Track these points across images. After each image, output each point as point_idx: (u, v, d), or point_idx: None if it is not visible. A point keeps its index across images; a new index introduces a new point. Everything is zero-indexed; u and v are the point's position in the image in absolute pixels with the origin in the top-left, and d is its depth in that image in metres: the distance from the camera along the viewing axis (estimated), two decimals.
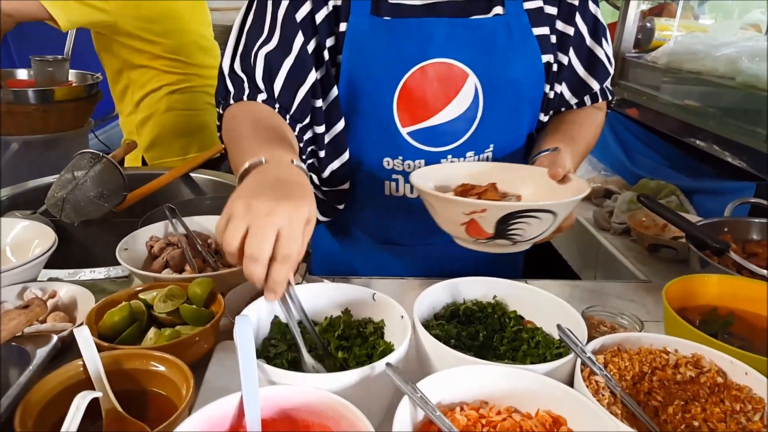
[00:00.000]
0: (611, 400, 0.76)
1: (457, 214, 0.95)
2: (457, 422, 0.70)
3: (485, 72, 1.15)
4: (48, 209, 1.55)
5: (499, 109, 1.18)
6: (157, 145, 2.32)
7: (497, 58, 1.15)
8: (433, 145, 1.19)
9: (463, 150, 1.20)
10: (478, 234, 0.97)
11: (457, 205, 0.95)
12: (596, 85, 1.28)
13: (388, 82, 1.14)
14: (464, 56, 1.14)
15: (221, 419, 0.68)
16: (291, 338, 0.87)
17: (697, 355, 0.83)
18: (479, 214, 0.93)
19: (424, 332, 0.82)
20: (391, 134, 1.18)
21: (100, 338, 0.89)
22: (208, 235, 1.29)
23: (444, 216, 1.00)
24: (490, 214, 0.93)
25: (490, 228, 0.95)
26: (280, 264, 0.75)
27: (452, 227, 1.00)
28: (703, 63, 2.06)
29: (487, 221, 0.94)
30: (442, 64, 1.13)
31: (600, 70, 1.27)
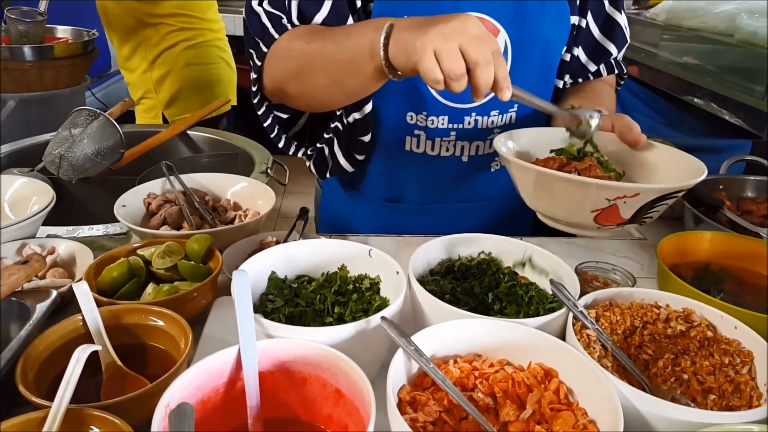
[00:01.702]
0: (602, 353, 0.77)
1: (598, 200, 0.84)
2: (450, 374, 0.72)
3: (516, 29, 1.13)
4: (45, 166, 1.55)
5: (526, 68, 1.16)
6: (178, 100, 2.36)
7: (529, 15, 1.13)
8: (458, 101, 1.17)
9: (488, 108, 1.18)
10: (609, 220, 0.87)
11: (602, 190, 0.83)
12: (614, 50, 1.27)
13: None
14: (496, 12, 1.11)
15: (220, 371, 0.69)
16: (288, 293, 0.88)
17: (688, 309, 0.84)
18: (626, 199, 0.83)
19: (419, 287, 0.83)
20: (417, 88, 1.16)
21: (99, 294, 0.89)
22: (206, 192, 1.29)
23: (570, 201, 0.87)
24: (639, 199, 0.83)
25: (628, 213, 0.86)
26: (499, 58, 0.82)
27: (577, 213, 0.88)
28: (703, 20, 2.04)
29: (632, 206, 0.85)
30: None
31: (618, 34, 1.26)
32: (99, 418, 0.66)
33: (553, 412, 0.69)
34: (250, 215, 1.20)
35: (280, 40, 1.08)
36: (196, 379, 0.67)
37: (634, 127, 1.02)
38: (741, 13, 1.92)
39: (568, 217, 0.91)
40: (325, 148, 1.30)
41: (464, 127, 1.20)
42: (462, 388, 0.71)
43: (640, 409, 0.66)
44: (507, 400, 0.70)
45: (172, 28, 2.28)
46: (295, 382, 0.72)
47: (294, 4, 1.09)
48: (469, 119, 1.19)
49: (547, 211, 0.94)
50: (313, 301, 0.88)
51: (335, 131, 1.28)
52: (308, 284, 0.90)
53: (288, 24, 1.09)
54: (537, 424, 0.68)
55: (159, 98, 2.34)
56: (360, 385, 0.66)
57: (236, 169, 1.75)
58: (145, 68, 2.31)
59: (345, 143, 1.27)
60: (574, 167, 0.95)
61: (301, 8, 1.09)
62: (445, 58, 0.79)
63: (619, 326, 0.83)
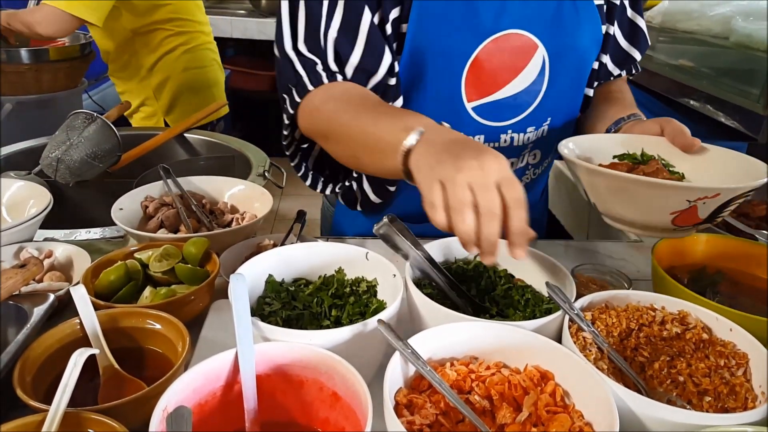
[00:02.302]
0: (598, 355, 0.77)
1: (679, 201, 0.85)
2: (447, 377, 0.72)
3: (553, 41, 1.10)
4: (42, 170, 1.55)
5: (562, 82, 1.15)
6: (178, 105, 2.37)
7: (565, 27, 1.11)
8: (495, 120, 1.14)
9: (524, 125, 1.16)
10: (687, 221, 0.88)
11: (684, 192, 0.85)
12: (638, 55, 1.26)
13: (460, 54, 1.07)
14: (535, 27, 1.08)
15: (217, 374, 0.69)
16: (285, 296, 0.88)
17: (684, 311, 0.85)
18: (706, 200, 0.84)
19: (416, 290, 0.83)
20: (455, 110, 1.11)
21: (96, 297, 0.89)
22: (203, 195, 1.29)
23: (651, 204, 0.88)
24: (718, 199, 0.84)
25: (705, 214, 0.87)
26: (517, 209, 0.72)
27: (656, 216, 0.89)
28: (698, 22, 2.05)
29: (710, 207, 0.86)
30: (514, 35, 1.07)
31: (641, 39, 1.25)
32: (96, 421, 0.66)
33: (549, 415, 0.69)
34: (248, 218, 1.20)
35: (314, 95, 1.04)
36: (193, 383, 0.67)
37: (686, 131, 1.02)
38: (736, 15, 1.93)
39: (646, 219, 0.91)
40: (353, 184, 1.26)
41: (500, 145, 1.17)
42: (458, 390, 0.72)
43: (636, 411, 0.67)
44: (503, 403, 0.70)
45: (168, 33, 2.28)
46: (292, 385, 0.72)
47: (330, 45, 1.05)
48: (505, 137, 1.16)
49: (622, 214, 0.93)
50: (310, 304, 0.88)
51: None
52: (305, 287, 0.91)
53: (323, 72, 1.04)
54: (533, 426, 0.68)
55: (160, 104, 2.34)
56: (357, 388, 0.66)
57: (233, 171, 1.76)
58: (143, 75, 2.30)
59: (375, 179, 1.23)
60: (642, 171, 0.96)
61: (337, 47, 1.04)
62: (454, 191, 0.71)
63: (615, 329, 0.83)
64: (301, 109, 1.07)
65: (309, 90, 1.04)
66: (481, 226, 0.71)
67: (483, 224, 0.70)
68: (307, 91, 1.04)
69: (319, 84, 1.03)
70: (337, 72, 1.05)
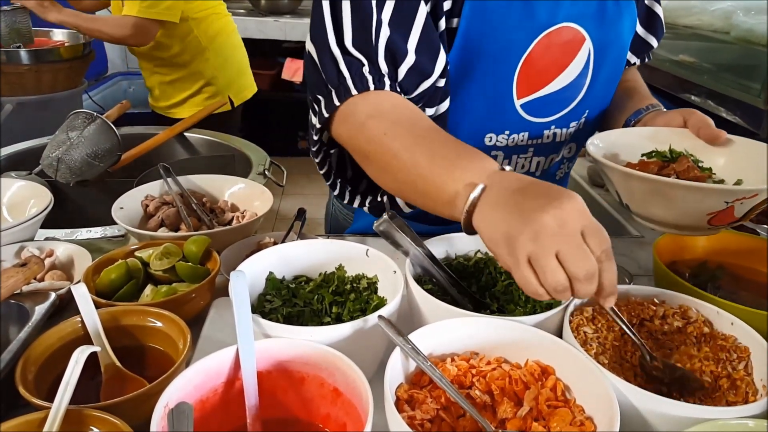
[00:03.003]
0: (599, 350, 0.77)
1: (717, 202, 0.85)
2: (447, 372, 0.72)
3: (598, 34, 1.07)
4: (43, 170, 1.56)
5: (603, 75, 1.12)
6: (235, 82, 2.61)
7: (608, 18, 1.08)
8: (540, 116, 1.10)
9: (568, 120, 1.13)
10: (722, 221, 0.88)
11: (723, 194, 0.84)
12: (655, 43, 1.24)
13: (516, 50, 1.02)
14: (583, 19, 1.05)
15: (218, 371, 0.69)
16: (286, 294, 0.88)
17: (685, 306, 0.85)
18: (744, 200, 0.84)
19: (417, 287, 0.83)
20: (503, 107, 1.07)
21: (97, 296, 0.90)
22: (203, 193, 1.30)
23: (687, 206, 0.87)
24: (755, 199, 0.84)
25: (741, 212, 0.87)
26: (608, 262, 0.68)
27: (692, 217, 0.88)
28: (699, 17, 2.05)
29: (746, 206, 0.86)
30: (566, 29, 1.03)
31: (658, 26, 1.23)
32: (98, 418, 0.66)
33: (550, 409, 0.69)
34: (248, 216, 1.20)
35: (357, 103, 0.94)
36: (194, 379, 0.67)
37: (710, 122, 1.01)
38: (737, 10, 1.93)
39: (682, 220, 0.90)
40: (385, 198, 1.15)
41: (543, 141, 1.14)
42: (459, 385, 0.72)
43: (636, 405, 0.67)
44: (504, 398, 0.70)
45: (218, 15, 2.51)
46: (294, 382, 0.72)
47: (382, 42, 0.94)
48: (548, 133, 1.13)
49: (658, 215, 0.92)
50: (311, 301, 0.88)
51: None
52: (306, 284, 0.91)
53: (370, 75, 0.94)
54: (534, 421, 0.68)
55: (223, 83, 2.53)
56: (358, 384, 0.66)
57: (234, 170, 1.76)
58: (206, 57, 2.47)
59: None
60: (673, 169, 0.95)
61: (390, 45, 0.94)
62: (544, 273, 0.66)
63: (616, 323, 0.83)
64: (338, 116, 0.96)
65: (352, 94, 0.94)
66: (578, 292, 0.67)
67: (582, 289, 0.67)
68: (349, 95, 0.94)
69: (365, 89, 0.94)
70: (386, 75, 0.96)
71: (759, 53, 1.75)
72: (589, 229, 0.67)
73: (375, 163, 0.92)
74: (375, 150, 0.90)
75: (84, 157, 1.53)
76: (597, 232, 0.67)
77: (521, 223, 0.67)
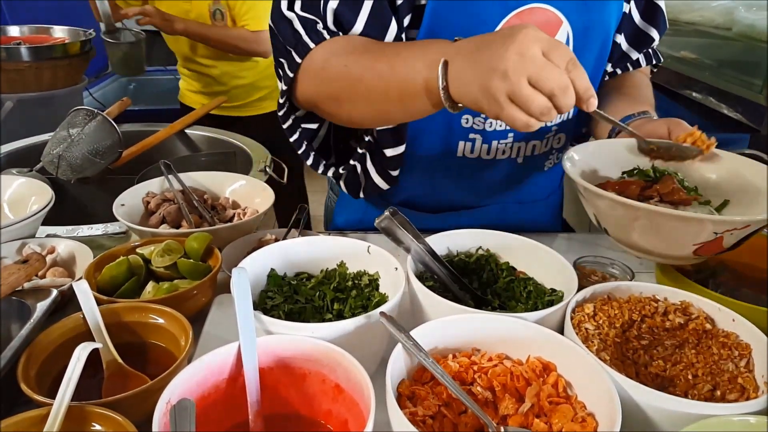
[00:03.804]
0: (600, 346, 0.77)
1: (706, 233, 0.80)
2: (449, 368, 0.72)
3: (578, 17, 1.04)
4: (44, 167, 1.56)
5: (586, 60, 1.09)
6: None
7: (590, 3, 1.06)
8: None
9: None
10: (709, 251, 0.84)
11: (713, 225, 0.80)
12: (656, 35, 1.21)
13: (485, 26, 1.00)
14: (560, 1, 1.02)
15: (220, 368, 0.69)
16: (287, 290, 0.88)
17: (686, 302, 0.85)
18: (734, 231, 0.80)
19: (418, 283, 0.83)
20: None
21: (99, 292, 0.90)
22: (204, 190, 1.30)
23: (673, 236, 0.83)
24: (747, 230, 0.81)
25: (731, 243, 0.83)
26: (576, 70, 0.72)
27: (677, 248, 0.84)
28: (700, 13, 2.05)
29: (736, 237, 0.82)
30: (539, 10, 1.01)
31: (660, 19, 1.20)
32: (101, 415, 0.66)
33: (551, 406, 0.69)
34: (249, 213, 1.20)
35: (315, 53, 0.97)
36: (196, 376, 0.67)
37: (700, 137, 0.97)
38: (738, 6, 1.93)
39: (666, 250, 0.87)
40: (357, 166, 1.19)
41: None
42: (461, 382, 0.72)
43: (638, 401, 0.67)
44: (506, 394, 0.70)
45: None
46: (295, 378, 0.72)
47: (330, 10, 0.97)
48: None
49: (639, 244, 0.88)
50: (313, 297, 0.88)
51: (368, 145, 1.16)
52: (307, 281, 0.91)
53: (324, 30, 0.97)
54: (536, 417, 0.68)
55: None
56: (359, 380, 0.66)
57: (235, 167, 1.76)
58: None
59: (378, 158, 1.15)
60: (657, 191, 0.91)
61: (338, 14, 0.97)
62: (525, 103, 0.70)
63: (618, 320, 0.83)
64: (302, 72, 0.99)
65: (310, 48, 0.96)
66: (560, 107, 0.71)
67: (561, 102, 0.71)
68: (308, 50, 0.97)
69: (321, 41, 0.96)
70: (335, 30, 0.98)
71: (760, 49, 1.74)
72: (547, 47, 0.71)
73: (345, 98, 0.95)
74: (341, 85, 0.94)
75: (85, 154, 1.53)
76: (556, 47, 0.71)
77: (488, 70, 0.72)
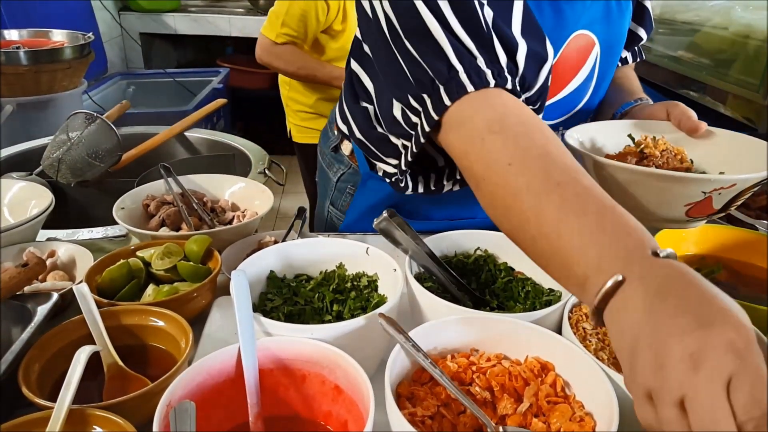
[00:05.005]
0: (598, 345, 0.78)
1: (694, 193, 0.83)
2: (448, 369, 0.72)
3: (605, 37, 1.06)
4: (44, 170, 1.56)
5: (608, 74, 1.12)
6: None
7: (613, 22, 1.06)
8: (549, 118, 1.09)
9: (575, 122, 1.11)
10: (701, 212, 0.87)
11: (699, 183, 0.82)
12: (644, 35, 1.22)
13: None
14: (594, 24, 1.03)
15: (220, 370, 0.70)
16: (287, 292, 0.89)
17: None
18: (722, 191, 0.83)
19: (417, 284, 0.83)
20: None
21: (99, 295, 0.90)
22: (204, 193, 1.30)
23: (664, 196, 0.85)
24: (733, 189, 0.83)
25: (720, 204, 0.85)
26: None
27: (669, 208, 0.86)
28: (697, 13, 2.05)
29: (725, 197, 0.84)
30: (582, 36, 1.02)
31: (647, 18, 1.22)
32: (102, 418, 0.66)
33: (550, 405, 0.69)
34: (249, 215, 1.20)
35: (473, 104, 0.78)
36: (197, 378, 0.67)
37: (692, 114, 0.99)
38: (735, 5, 1.93)
39: (659, 211, 0.88)
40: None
41: None
42: (460, 382, 0.72)
43: None
44: (504, 394, 0.70)
45: None
46: (295, 380, 0.72)
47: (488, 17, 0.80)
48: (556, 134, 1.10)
49: (634, 207, 0.88)
50: (312, 299, 0.88)
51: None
52: (307, 283, 0.91)
53: (488, 69, 0.79)
54: (534, 417, 0.68)
55: None
56: (359, 381, 0.66)
57: (234, 169, 1.77)
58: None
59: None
60: (651, 161, 0.94)
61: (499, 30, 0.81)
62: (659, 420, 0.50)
63: None
64: (447, 118, 0.80)
65: (468, 92, 0.78)
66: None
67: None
68: (464, 93, 0.78)
69: (483, 86, 0.78)
70: (505, 67, 0.82)
71: (758, 48, 1.75)
72: (741, 375, 0.46)
73: (488, 193, 0.75)
74: (492, 180, 0.73)
75: (84, 157, 1.54)
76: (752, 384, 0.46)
77: (647, 344, 0.51)
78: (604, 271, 0.58)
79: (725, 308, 0.50)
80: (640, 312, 0.53)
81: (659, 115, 1.03)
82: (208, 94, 3.04)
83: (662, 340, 0.50)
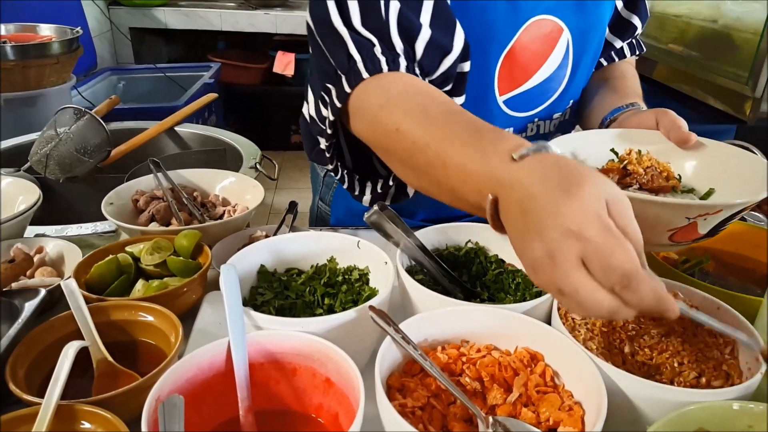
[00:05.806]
0: (587, 336, 0.78)
1: (678, 218, 0.78)
2: (438, 360, 0.73)
3: (577, 22, 1.04)
4: (32, 166, 1.55)
5: (584, 62, 1.10)
6: None
7: (587, 7, 1.05)
8: (523, 110, 1.08)
9: (551, 111, 1.12)
10: (686, 237, 0.82)
11: (683, 209, 0.78)
12: (638, 23, 1.20)
13: (498, 42, 0.98)
14: (561, 10, 1.02)
15: (209, 364, 0.69)
16: (278, 286, 0.88)
17: (672, 291, 0.85)
18: (708, 216, 0.78)
19: (408, 277, 0.83)
20: (486, 104, 1.04)
21: (88, 291, 0.89)
22: (194, 188, 1.29)
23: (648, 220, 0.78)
24: (720, 215, 0.78)
25: (706, 229, 0.80)
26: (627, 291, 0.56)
27: (651, 234, 0.79)
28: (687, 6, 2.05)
29: (710, 222, 0.79)
30: (544, 21, 1.01)
31: (641, 7, 1.20)
32: (90, 413, 0.66)
33: (539, 395, 0.69)
34: (239, 210, 1.20)
35: (368, 91, 0.87)
36: (186, 373, 0.67)
37: (682, 124, 0.94)
38: None
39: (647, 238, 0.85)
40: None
41: (527, 134, 1.12)
42: (450, 373, 0.72)
43: (624, 389, 0.67)
44: (494, 384, 0.71)
45: None
46: (285, 373, 0.72)
47: (393, 16, 0.88)
48: (531, 126, 1.11)
49: None
50: (303, 293, 0.88)
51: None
52: (298, 276, 0.91)
53: (382, 56, 0.87)
54: (524, 406, 0.69)
55: None
56: (350, 373, 0.66)
57: (225, 165, 1.76)
58: None
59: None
60: (635, 178, 0.91)
61: (402, 18, 0.88)
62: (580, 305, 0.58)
63: None
64: (351, 104, 0.89)
65: (363, 78, 0.87)
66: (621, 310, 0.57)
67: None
68: (360, 80, 0.87)
69: (377, 71, 0.86)
70: (402, 53, 0.89)
71: (747, 41, 1.75)
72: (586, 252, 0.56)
73: (396, 158, 0.84)
74: (391, 147, 0.83)
75: (73, 152, 1.53)
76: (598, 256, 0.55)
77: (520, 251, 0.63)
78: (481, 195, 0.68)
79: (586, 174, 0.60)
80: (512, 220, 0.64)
81: (648, 124, 0.99)
82: (199, 89, 3.02)
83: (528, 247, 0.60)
